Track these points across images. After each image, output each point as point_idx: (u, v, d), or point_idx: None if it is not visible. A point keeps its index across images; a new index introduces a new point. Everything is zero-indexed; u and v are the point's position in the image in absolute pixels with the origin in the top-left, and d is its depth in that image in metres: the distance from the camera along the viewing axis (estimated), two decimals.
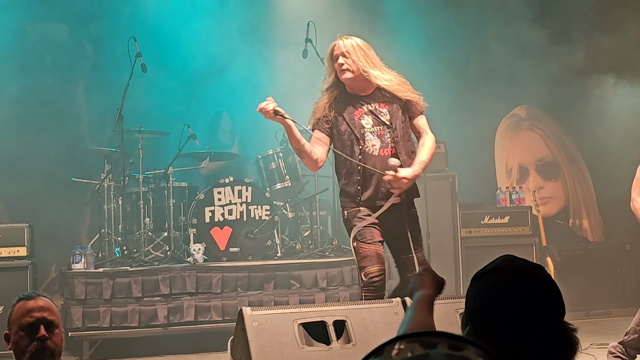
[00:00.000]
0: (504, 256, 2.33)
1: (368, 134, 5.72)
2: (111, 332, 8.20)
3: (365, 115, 5.74)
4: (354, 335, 4.81)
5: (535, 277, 2.24)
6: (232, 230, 9.03)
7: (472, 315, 2.25)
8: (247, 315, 4.78)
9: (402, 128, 5.71)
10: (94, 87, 10.43)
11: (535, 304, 2.19)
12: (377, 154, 5.70)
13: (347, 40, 5.79)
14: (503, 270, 2.26)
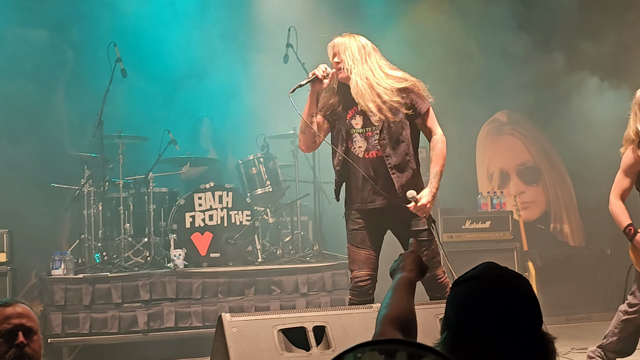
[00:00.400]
0: (485, 264, 2.32)
1: (356, 134, 5.64)
2: (91, 338, 8.15)
3: (357, 115, 5.64)
4: (333, 340, 4.79)
5: (514, 287, 2.23)
6: (212, 236, 9.00)
7: (450, 322, 2.24)
8: (227, 322, 4.75)
9: (393, 130, 5.56)
10: (74, 92, 10.37)
11: (511, 315, 2.18)
12: (362, 156, 5.62)
13: (342, 38, 5.71)
14: (481, 279, 2.25)
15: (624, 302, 6.06)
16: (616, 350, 6.06)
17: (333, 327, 4.85)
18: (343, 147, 5.66)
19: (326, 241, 9.73)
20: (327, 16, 10.73)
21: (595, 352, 6.11)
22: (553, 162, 11.61)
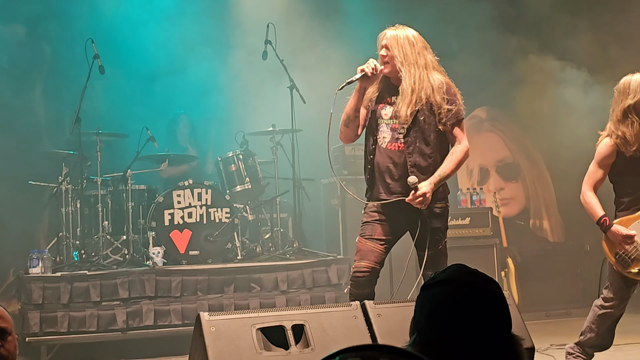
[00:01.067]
0: (455, 267, 2.31)
1: (383, 125, 5.66)
2: (69, 337, 8.10)
3: (388, 106, 5.66)
4: (312, 339, 4.77)
5: (483, 293, 2.23)
6: (191, 233, 8.96)
7: (419, 325, 2.24)
8: (205, 321, 4.72)
9: (421, 129, 5.56)
10: (51, 89, 10.30)
11: (480, 320, 2.18)
12: (385, 146, 5.64)
13: (394, 31, 5.68)
14: (451, 284, 2.24)
15: (598, 297, 6.07)
16: (594, 345, 6.08)
17: (312, 325, 4.83)
18: (372, 136, 5.71)
19: (306, 238, 9.72)
20: (305, 12, 10.72)
21: (574, 349, 6.13)
22: (532, 158, 11.63)
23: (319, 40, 10.52)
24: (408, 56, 5.59)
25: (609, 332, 6.07)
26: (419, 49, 5.65)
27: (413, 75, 5.57)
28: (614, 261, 5.93)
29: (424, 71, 5.61)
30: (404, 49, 5.60)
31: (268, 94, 10.21)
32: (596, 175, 5.95)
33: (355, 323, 4.91)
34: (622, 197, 5.98)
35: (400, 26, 5.76)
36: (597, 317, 6.02)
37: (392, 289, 8.86)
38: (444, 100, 5.59)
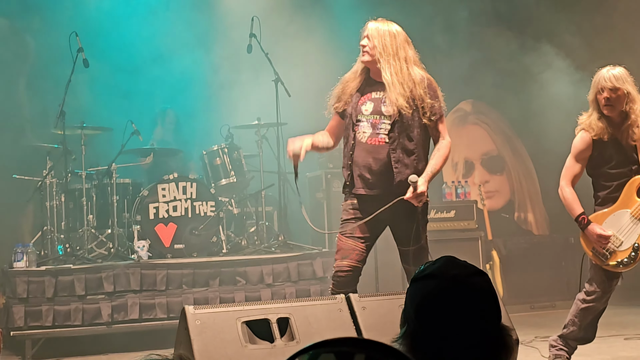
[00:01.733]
0: (445, 259, 2.31)
1: (363, 120, 5.64)
2: (54, 331, 8.09)
3: (369, 102, 5.65)
4: (297, 332, 4.77)
5: (471, 286, 2.24)
6: (176, 227, 8.95)
7: (408, 317, 2.25)
8: (190, 314, 4.73)
9: (405, 124, 5.55)
10: (35, 82, 10.26)
11: (470, 313, 2.19)
12: (365, 141, 5.62)
13: (377, 23, 5.68)
14: (439, 278, 2.25)
15: (581, 291, 6.10)
16: (577, 338, 6.11)
17: (297, 318, 4.84)
18: (353, 132, 5.68)
19: (291, 231, 9.72)
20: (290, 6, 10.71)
21: (557, 341, 6.16)
22: (517, 151, 11.66)
23: (304, 34, 10.51)
24: (388, 48, 5.58)
25: (591, 325, 6.11)
26: (400, 42, 5.64)
27: (393, 66, 5.55)
28: (591, 255, 5.97)
29: (404, 64, 5.60)
30: (384, 40, 5.59)
31: (253, 87, 10.20)
32: (574, 169, 5.99)
33: (340, 316, 4.92)
34: (599, 191, 6.03)
35: (384, 20, 5.76)
36: (580, 310, 6.05)
37: (377, 283, 8.87)
38: (426, 94, 5.59)
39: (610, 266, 5.91)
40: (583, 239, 6.01)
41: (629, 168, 5.91)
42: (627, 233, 5.89)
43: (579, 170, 5.99)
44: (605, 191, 5.97)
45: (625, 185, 5.90)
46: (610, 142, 5.88)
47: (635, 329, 7.95)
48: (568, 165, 6.02)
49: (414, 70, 5.64)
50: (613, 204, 5.94)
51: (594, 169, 5.99)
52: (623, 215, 5.90)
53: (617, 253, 5.90)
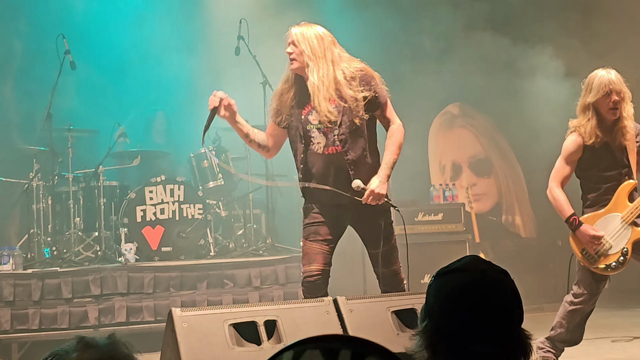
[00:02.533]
0: (470, 256, 2.35)
1: (314, 130, 5.52)
2: (40, 334, 8.05)
3: (314, 111, 5.50)
4: (285, 335, 4.76)
5: (496, 281, 2.26)
6: (164, 230, 8.94)
7: (431, 311, 2.26)
8: (177, 317, 4.71)
9: (352, 124, 5.46)
10: (22, 84, 10.21)
11: (491, 308, 2.21)
12: (322, 152, 5.53)
13: (301, 28, 5.57)
14: (465, 271, 2.27)
15: (568, 293, 6.10)
16: (565, 340, 6.11)
17: (284, 321, 4.82)
18: (302, 144, 5.56)
19: (279, 234, 9.70)
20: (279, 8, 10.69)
21: (544, 343, 6.15)
22: (504, 153, 11.68)
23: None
24: (316, 49, 5.47)
25: (579, 327, 6.11)
26: (327, 44, 5.52)
27: (321, 69, 5.44)
28: (580, 257, 5.97)
29: (331, 66, 5.47)
30: (312, 44, 5.48)
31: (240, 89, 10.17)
32: (563, 171, 5.98)
33: (327, 318, 4.91)
34: (588, 193, 6.02)
35: (307, 23, 5.66)
36: (568, 312, 6.05)
37: (365, 285, 8.87)
38: (357, 91, 5.47)
39: (599, 269, 5.92)
40: (573, 240, 6.00)
41: (618, 171, 5.91)
42: (616, 237, 5.90)
43: (568, 172, 5.98)
44: (594, 193, 5.97)
45: (617, 189, 5.90)
46: (601, 145, 5.88)
47: (622, 331, 7.96)
48: (558, 167, 6.01)
49: (340, 69, 5.50)
50: (602, 206, 5.94)
51: (584, 171, 5.98)
52: (613, 219, 5.91)
53: (606, 256, 5.90)
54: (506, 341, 2.20)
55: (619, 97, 5.80)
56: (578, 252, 5.98)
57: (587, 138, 5.84)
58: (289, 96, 5.64)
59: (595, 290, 5.99)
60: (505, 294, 2.24)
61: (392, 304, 5.04)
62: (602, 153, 5.87)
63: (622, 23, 10.41)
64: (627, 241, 5.89)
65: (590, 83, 5.87)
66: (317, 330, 4.82)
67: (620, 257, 5.88)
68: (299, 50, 5.50)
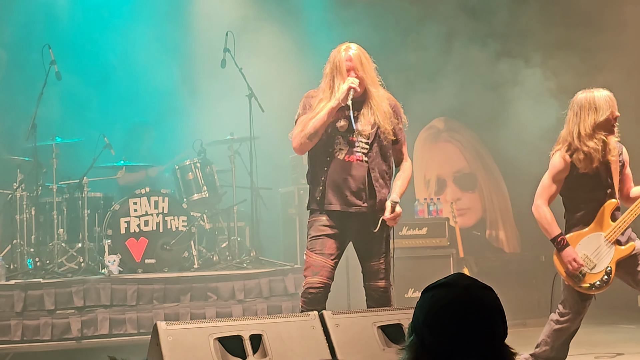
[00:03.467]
0: (456, 274, 2.38)
1: (339, 137, 5.64)
2: (22, 345, 8.00)
3: (343, 119, 5.61)
4: (270, 349, 4.74)
5: (483, 298, 2.28)
6: (148, 242, 8.91)
7: (417, 326, 2.28)
8: (162, 330, 4.68)
9: (380, 144, 5.63)
10: (6, 95, 10.18)
11: (475, 323, 2.22)
12: (342, 158, 5.63)
13: (355, 51, 5.65)
14: (450, 287, 2.29)
15: (553, 311, 6.10)
16: (549, 358, 6.10)
17: (270, 335, 4.81)
18: (328, 149, 5.67)
19: (263, 247, 9.70)
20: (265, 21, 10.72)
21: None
22: (489, 168, 11.71)
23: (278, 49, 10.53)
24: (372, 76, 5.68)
25: (564, 345, 6.11)
26: (372, 66, 5.73)
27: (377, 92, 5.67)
28: (565, 277, 5.97)
29: (379, 89, 5.72)
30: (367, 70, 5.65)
31: (226, 102, 10.18)
32: (550, 189, 5.97)
33: (313, 333, 4.90)
34: (573, 213, 5.99)
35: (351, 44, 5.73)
36: (553, 331, 6.04)
37: (349, 300, 8.86)
38: (396, 117, 5.72)
39: (583, 288, 5.92)
40: (557, 259, 6.00)
41: (604, 192, 5.92)
42: (600, 256, 5.91)
43: (555, 190, 5.97)
44: (579, 212, 5.96)
45: (600, 208, 5.91)
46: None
47: (605, 348, 7.98)
48: (545, 185, 6.00)
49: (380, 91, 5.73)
50: (585, 225, 5.94)
51: (570, 191, 5.97)
52: (597, 238, 5.92)
53: (590, 275, 5.91)
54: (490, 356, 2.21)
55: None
56: (562, 271, 5.98)
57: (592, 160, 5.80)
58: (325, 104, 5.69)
59: (581, 309, 5.99)
60: (489, 309, 2.26)
61: (378, 319, 5.03)
62: (588, 174, 5.86)
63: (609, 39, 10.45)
64: (610, 260, 5.90)
65: (592, 103, 5.84)
66: (303, 345, 4.81)
67: (604, 276, 5.89)
68: (360, 76, 5.61)
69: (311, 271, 5.59)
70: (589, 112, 5.83)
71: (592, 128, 5.81)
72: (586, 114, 5.83)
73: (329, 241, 5.61)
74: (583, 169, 5.82)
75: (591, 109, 5.83)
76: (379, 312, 5.18)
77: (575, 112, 5.87)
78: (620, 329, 9.30)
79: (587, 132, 5.81)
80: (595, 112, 5.81)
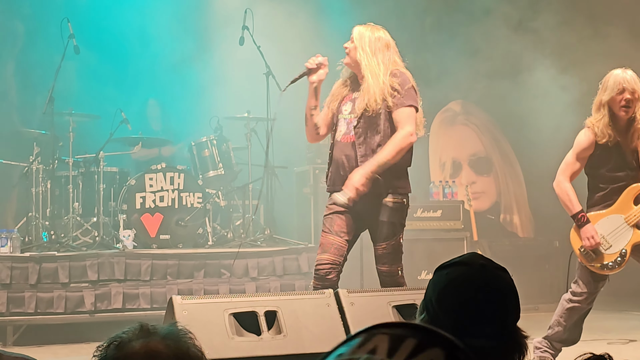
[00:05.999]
0: (471, 253, 2.37)
1: (341, 119, 5.72)
2: (36, 317, 8.04)
3: (349, 102, 5.72)
4: (285, 326, 4.76)
5: (498, 278, 2.26)
6: (163, 217, 8.93)
7: (429, 304, 2.26)
8: (177, 304, 4.70)
9: (370, 119, 5.58)
10: (24, 67, 10.20)
11: (488, 302, 2.21)
12: (340, 139, 5.70)
13: (361, 27, 5.76)
14: (464, 265, 2.27)
15: (567, 291, 6.10)
16: (562, 339, 6.11)
17: (285, 312, 4.82)
18: (333, 132, 5.78)
19: (277, 226, 9.70)
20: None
21: (542, 343, 6.15)
22: (505, 153, 11.67)
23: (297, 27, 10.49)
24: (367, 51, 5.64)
25: (576, 326, 6.10)
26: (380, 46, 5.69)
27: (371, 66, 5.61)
28: (579, 254, 5.97)
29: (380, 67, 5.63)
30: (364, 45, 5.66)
31: (244, 79, 10.16)
32: (574, 166, 5.97)
33: (328, 311, 4.90)
34: (595, 192, 6.01)
35: (372, 25, 5.82)
36: (566, 310, 6.05)
37: (362, 280, 8.87)
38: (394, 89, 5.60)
39: (596, 267, 5.92)
40: (573, 237, 5.99)
41: (626, 172, 5.90)
42: (617, 238, 5.90)
43: (578, 168, 5.97)
44: (601, 193, 5.96)
45: (624, 191, 5.89)
46: (613, 144, 5.86)
47: (618, 334, 7.97)
48: (568, 162, 5.99)
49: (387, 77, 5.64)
50: (606, 206, 5.93)
51: (592, 169, 5.97)
52: (616, 220, 5.91)
53: (604, 256, 5.91)
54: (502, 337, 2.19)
55: (632, 96, 5.79)
56: (576, 249, 5.97)
57: (599, 136, 5.84)
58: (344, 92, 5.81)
59: (594, 289, 5.99)
60: (503, 289, 2.24)
61: (393, 299, 5.03)
62: (613, 153, 5.86)
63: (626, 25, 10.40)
64: (626, 243, 5.89)
65: (606, 81, 5.88)
66: (318, 323, 4.82)
67: (618, 257, 5.89)
68: (354, 46, 5.68)
69: (321, 249, 5.63)
70: (601, 89, 5.91)
71: (596, 105, 5.88)
72: (600, 91, 5.90)
73: (338, 218, 5.63)
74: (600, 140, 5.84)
75: (603, 87, 5.91)
76: (394, 292, 5.18)
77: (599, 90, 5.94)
78: (633, 316, 9.29)
79: (594, 108, 5.89)
80: (603, 91, 5.87)
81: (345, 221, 5.64)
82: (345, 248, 5.63)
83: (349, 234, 5.67)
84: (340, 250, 5.60)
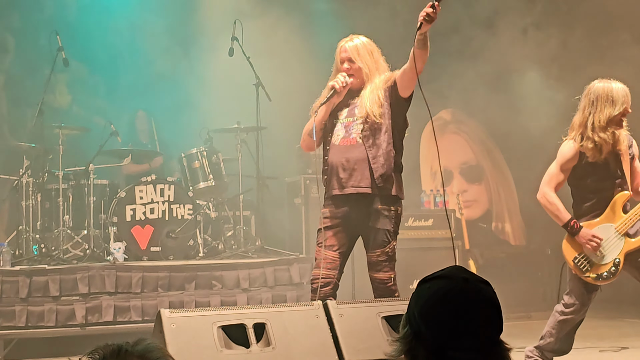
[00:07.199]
0: (453, 267, 2.36)
1: (338, 124, 5.75)
2: (27, 331, 8.00)
3: (345, 108, 5.76)
4: (273, 338, 4.74)
5: (480, 291, 2.26)
6: (153, 229, 8.91)
7: (412, 317, 2.26)
8: (166, 317, 4.68)
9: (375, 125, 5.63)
10: (14, 80, 10.19)
11: (471, 315, 2.21)
12: (338, 143, 5.72)
13: (353, 43, 5.78)
14: (447, 278, 2.27)
15: (559, 302, 6.08)
16: (554, 350, 6.09)
17: (273, 324, 4.81)
18: (328, 138, 5.79)
19: (268, 236, 9.68)
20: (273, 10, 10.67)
21: (533, 352, 6.13)
22: (496, 161, 11.68)
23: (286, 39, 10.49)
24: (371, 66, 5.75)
25: (568, 337, 6.09)
26: (377, 57, 5.82)
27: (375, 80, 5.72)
28: (572, 266, 5.94)
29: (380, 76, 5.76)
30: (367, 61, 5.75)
31: (234, 91, 10.16)
32: (558, 177, 5.94)
33: (317, 322, 4.89)
34: (582, 203, 5.97)
35: (356, 36, 5.86)
36: (558, 322, 6.02)
37: (354, 291, 8.85)
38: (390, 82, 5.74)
39: (590, 278, 5.89)
40: (566, 248, 5.95)
41: (612, 181, 5.89)
42: (609, 247, 5.87)
43: (562, 179, 5.93)
44: (588, 203, 5.93)
45: (612, 199, 5.88)
46: None
47: (610, 342, 7.97)
48: (553, 173, 5.95)
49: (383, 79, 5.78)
50: (594, 216, 5.90)
51: (578, 180, 5.94)
52: (607, 229, 5.88)
53: (598, 266, 5.88)
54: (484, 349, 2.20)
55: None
56: (570, 260, 5.94)
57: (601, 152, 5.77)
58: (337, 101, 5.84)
59: (587, 300, 5.96)
60: (485, 303, 2.25)
61: (382, 310, 5.03)
62: (597, 163, 5.83)
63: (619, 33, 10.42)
64: (619, 252, 5.87)
65: (609, 94, 5.77)
66: (307, 334, 4.80)
67: (612, 267, 5.87)
68: (357, 66, 5.72)
69: (316, 264, 5.66)
70: (605, 104, 5.76)
71: (606, 121, 5.75)
72: (603, 105, 5.76)
73: (328, 233, 5.66)
74: (591, 158, 5.79)
75: (608, 101, 5.75)
76: (383, 303, 5.17)
77: (592, 100, 5.80)
78: (625, 323, 9.29)
79: (601, 124, 5.75)
80: (611, 105, 5.74)
81: (338, 234, 5.66)
82: (338, 261, 5.65)
83: (342, 246, 5.69)
84: (333, 264, 5.62)
